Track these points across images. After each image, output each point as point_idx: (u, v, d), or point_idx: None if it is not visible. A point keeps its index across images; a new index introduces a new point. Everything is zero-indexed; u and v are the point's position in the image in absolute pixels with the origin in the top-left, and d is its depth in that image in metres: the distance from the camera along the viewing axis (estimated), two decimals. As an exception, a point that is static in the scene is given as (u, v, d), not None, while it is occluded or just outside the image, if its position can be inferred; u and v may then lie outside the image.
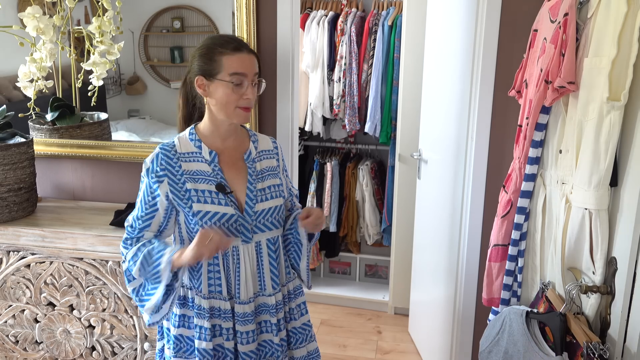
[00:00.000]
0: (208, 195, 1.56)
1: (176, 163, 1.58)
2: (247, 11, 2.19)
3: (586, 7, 1.52)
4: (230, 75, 1.52)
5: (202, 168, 1.58)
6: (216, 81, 1.53)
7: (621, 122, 1.36)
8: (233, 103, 1.54)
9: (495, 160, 2.23)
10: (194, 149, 1.60)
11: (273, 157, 1.71)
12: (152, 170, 1.58)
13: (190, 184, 1.56)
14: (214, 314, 1.62)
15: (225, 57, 1.52)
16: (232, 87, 1.52)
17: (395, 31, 3.26)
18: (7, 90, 2.54)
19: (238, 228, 1.58)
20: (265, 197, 1.62)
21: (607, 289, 1.42)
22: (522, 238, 1.84)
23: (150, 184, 1.59)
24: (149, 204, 1.60)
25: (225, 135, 1.62)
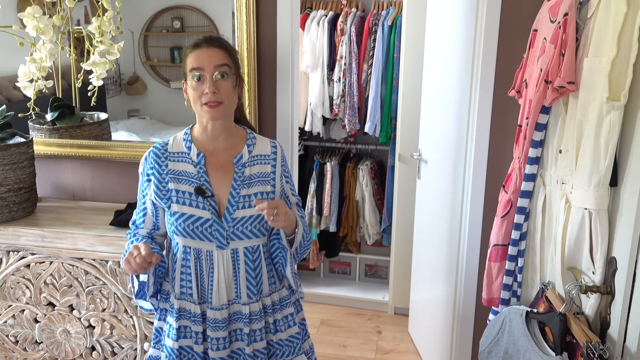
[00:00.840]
0: (187, 197, 1.56)
1: (163, 162, 1.60)
2: (247, 11, 2.19)
3: (586, 7, 1.52)
4: (190, 72, 1.52)
5: (187, 169, 1.58)
6: (186, 82, 1.56)
7: (621, 122, 1.36)
8: (197, 100, 1.53)
9: (495, 160, 2.23)
10: (184, 149, 1.61)
11: (268, 162, 1.64)
12: (144, 169, 1.63)
13: (173, 184, 1.57)
14: (182, 315, 1.61)
15: (188, 56, 1.53)
16: (193, 85, 1.51)
17: (395, 31, 3.26)
18: (7, 90, 2.54)
19: (213, 233, 1.55)
20: (248, 204, 1.57)
21: (607, 289, 1.42)
22: (522, 238, 1.84)
23: (142, 182, 1.64)
24: (141, 202, 1.65)
25: (213, 135, 1.60)
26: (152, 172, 1.60)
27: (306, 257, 3.79)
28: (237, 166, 1.60)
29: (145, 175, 1.62)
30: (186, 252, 1.58)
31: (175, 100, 2.70)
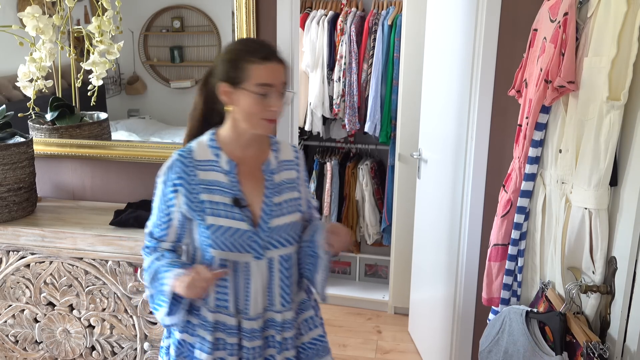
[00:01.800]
0: (222, 209, 1.48)
1: (192, 172, 1.49)
2: (246, 11, 2.19)
3: (586, 7, 1.51)
4: (257, 85, 1.42)
5: (218, 178, 1.50)
6: (241, 90, 1.44)
7: (621, 121, 1.36)
8: (258, 114, 1.45)
9: (495, 159, 2.23)
10: (212, 157, 1.51)
11: (293, 168, 1.60)
12: (169, 178, 1.51)
13: (205, 195, 1.48)
14: (218, 327, 1.54)
15: (252, 66, 1.43)
16: (257, 98, 1.43)
17: (395, 31, 3.26)
18: (6, 90, 2.54)
19: (250, 244, 1.49)
20: (281, 211, 1.53)
21: (607, 289, 1.42)
22: (521, 238, 1.84)
23: (166, 192, 1.51)
24: (164, 212, 1.53)
25: (246, 144, 1.53)
26: (181, 182, 1.49)
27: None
28: (266, 174, 1.54)
29: (170, 186, 1.50)
30: (223, 265, 1.50)
31: (175, 100, 2.70)
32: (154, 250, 1.55)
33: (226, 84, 1.46)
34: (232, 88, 1.45)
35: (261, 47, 1.47)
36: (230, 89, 1.46)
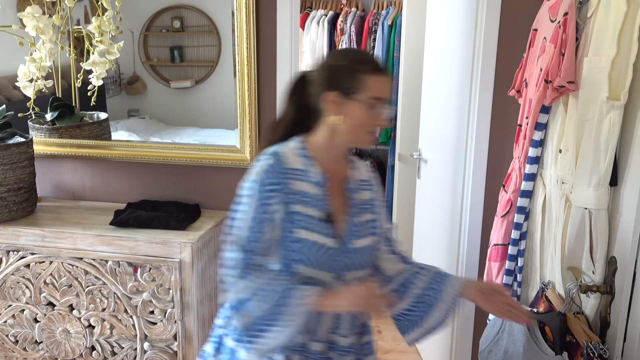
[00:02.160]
0: (314, 222, 1.38)
1: (286, 179, 1.39)
2: (246, 11, 2.19)
3: (586, 7, 1.51)
4: (370, 97, 1.37)
5: (308, 190, 1.40)
6: (352, 101, 1.38)
7: (621, 121, 1.36)
8: (365, 126, 1.40)
9: (495, 159, 2.23)
10: (302, 166, 1.42)
11: (369, 188, 1.53)
12: (265, 182, 1.38)
13: (297, 206, 1.39)
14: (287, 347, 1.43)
15: (368, 78, 1.37)
16: (368, 110, 1.38)
17: (395, 31, 3.26)
18: (6, 90, 2.54)
19: (333, 264, 1.40)
20: (363, 233, 1.46)
21: (607, 289, 1.42)
22: (521, 238, 1.84)
23: (263, 196, 1.37)
24: (262, 220, 1.38)
25: (337, 158, 1.47)
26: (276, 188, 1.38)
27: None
28: (349, 192, 1.48)
29: (268, 190, 1.38)
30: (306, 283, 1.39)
31: (175, 100, 2.71)
32: (249, 268, 1.38)
33: (336, 93, 1.38)
34: (342, 98, 1.38)
35: (371, 58, 1.43)
36: (340, 99, 1.39)
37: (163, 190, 2.47)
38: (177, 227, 2.17)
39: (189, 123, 2.68)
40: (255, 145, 2.31)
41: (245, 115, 2.28)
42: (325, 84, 1.41)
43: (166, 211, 2.30)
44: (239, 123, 2.29)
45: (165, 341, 2.18)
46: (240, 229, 1.40)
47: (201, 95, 2.70)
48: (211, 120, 2.65)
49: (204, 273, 2.20)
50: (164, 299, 2.13)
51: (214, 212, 2.40)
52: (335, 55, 1.46)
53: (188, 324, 2.14)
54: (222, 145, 2.36)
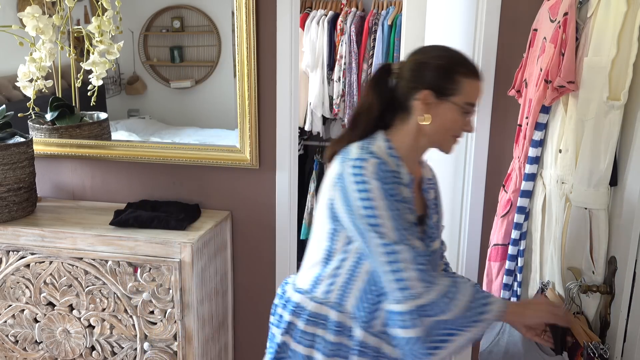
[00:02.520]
0: (412, 225, 1.31)
1: (394, 181, 1.30)
2: (246, 11, 2.18)
3: (586, 7, 1.51)
4: (465, 102, 1.33)
5: (405, 193, 1.32)
6: (447, 103, 1.33)
7: (621, 121, 1.36)
8: (453, 131, 1.36)
9: (495, 159, 2.23)
10: (395, 167, 1.34)
11: (434, 187, 1.50)
12: (382, 176, 1.28)
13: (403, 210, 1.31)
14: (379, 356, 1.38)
15: (467, 82, 1.33)
16: (461, 114, 1.34)
17: (395, 30, 3.26)
18: (6, 90, 2.54)
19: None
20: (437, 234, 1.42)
21: (607, 289, 1.42)
22: (521, 237, 1.84)
23: (388, 188, 1.28)
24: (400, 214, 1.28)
25: (419, 159, 1.43)
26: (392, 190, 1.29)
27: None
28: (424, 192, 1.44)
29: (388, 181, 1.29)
30: None
31: (175, 100, 2.71)
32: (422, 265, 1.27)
33: (431, 92, 1.33)
34: (436, 99, 1.33)
35: (471, 61, 1.37)
36: (433, 99, 1.33)
37: (163, 190, 2.47)
38: (177, 227, 2.17)
39: (189, 123, 2.68)
40: (256, 145, 2.31)
41: (245, 115, 2.28)
42: (418, 81, 1.34)
43: (166, 211, 2.30)
44: (239, 123, 2.29)
45: (165, 341, 2.18)
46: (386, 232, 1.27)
47: (201, 95, 2.70)
48: (211, 120, 2.65)
49: (204, 273, 2.20)
50: (164, 299, 2.13)
51: (214, 212, 2.40)
52: (432, 52, 1.39)
53: (188, 324, 2.14)
54: (222, 145, 2.36)
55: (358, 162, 1.31)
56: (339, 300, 1.40)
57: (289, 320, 1.46)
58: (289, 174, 2.34)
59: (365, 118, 1.43)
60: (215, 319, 2.35)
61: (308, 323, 1.43)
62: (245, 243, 2.46)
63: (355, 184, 1.29)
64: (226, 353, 2.52)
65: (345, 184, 1.31)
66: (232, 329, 2.55)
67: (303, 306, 1.45)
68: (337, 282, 1.40)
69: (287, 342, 1.46)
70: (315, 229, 1.48)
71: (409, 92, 1.36)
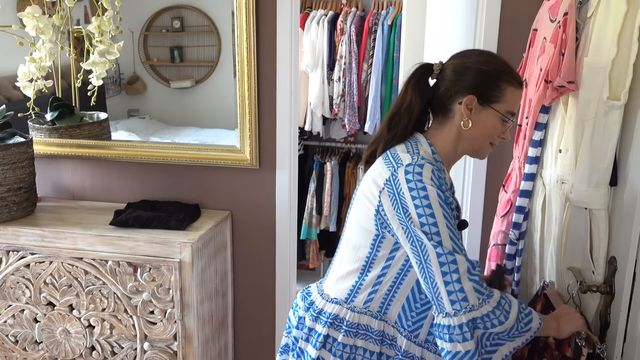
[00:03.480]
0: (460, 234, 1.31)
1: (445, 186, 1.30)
2: (246, 11, 2.18)
3: (586, 7, 1.51)
4: (507, 112, 1.34)
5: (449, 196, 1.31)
6: (490, 110, 1.33)
7: (621, 121, 1.36)
8: (491, 138, 1.36)
9: (495, 159, 2.23)
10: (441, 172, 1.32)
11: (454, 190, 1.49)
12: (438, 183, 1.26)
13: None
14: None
15: (511, 90, 1.34)
16: (501, 122, 1.34)
17: (395, 30, 3.26)
18: (6, 90, 2.54)
19: None
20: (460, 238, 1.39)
21: (607, 289, 1.42)
22: (520, 237, 1.84)
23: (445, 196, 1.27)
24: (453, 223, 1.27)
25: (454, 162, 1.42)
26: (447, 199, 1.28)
27: (306, 257, 3.79)
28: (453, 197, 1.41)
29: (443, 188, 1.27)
30: None
31: (175, 100, 2.71)
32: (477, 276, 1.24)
33: (475, 97, 1.33)
34: (479, 104, 1.33)
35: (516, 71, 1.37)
36: (477, 104, 1.33)
37: (163, 190, 2.47)
38: (177, 227, 2.17)
39: (189, 123, 2.68)
40: (256, 145, 2.31)
41: (245, 115, 2.28)
42: (462, 85, 1.34)
43: (166, 211, 2.30)
44: (239, 123, 2.29)
45: (165, 341, 2.18)
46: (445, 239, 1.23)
47: (201, 95, 2.70)
48: (211, 120, 2.65)
49: (204, 273, 2.20)
50: (164, 299, 2.13)
51: (214, 212, 2.40)
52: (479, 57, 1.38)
53: (188, 324, 2.14)
54: (222, 145, 2.36)
55: (414, 167, 1.27)
56: (381, 309, 1.37)
57: (325, 334, 1.39)
58: (289, 174, 2.34)
59: (406, 118, 1.39)
60: (215, 319, 2.35)
61: (347, 334, 1.38)
62: (245, 243, 2.46)
63: (411, 190, 1.26)
64: (226, 353, 2.52)
65: (399, 190, 1.27)
66: (232, 329, 2.55)
67: (342, 317, 1.39)
68: (381, 291, 1.37)
69: (324, 358, 1.40)
70: (350, 236, 1.43)
71: (451, 95, 1.34)
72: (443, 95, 1.36)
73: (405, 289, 1.35)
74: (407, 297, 1.36)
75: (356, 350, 1.37)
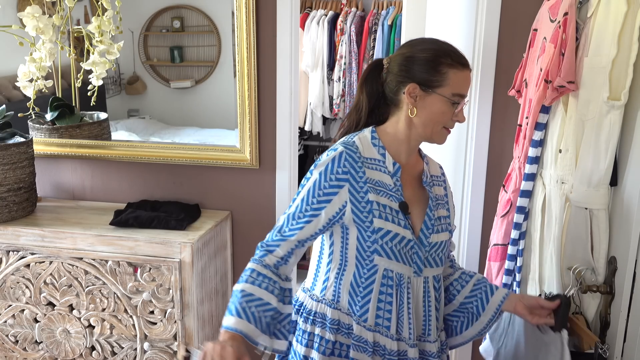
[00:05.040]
0: (389, 212, 1.34)
1: (360, 168, 1.35)
2: (246, 11, 2.18)
3: (586, 7, 1.51)
4: (453, 94, 1.34)
5: (383, 179, 1.37)
6: (434, 95, 1.34)
7: (621, 121, 1.36)
8: (443, 122, 1.37)
9: (495, 159, 2.23)
10: (378, 156, 1.39)
11: (441, 184, 1.51)
12: (332, 170, 1.33)
13: (372, 195, 1.34)
14: (377, 351, 1.38)
15: (452, 72, 1.33)
16: (448, 106, 1.34)
17: (395, 30, 3.26)
18: (6, 90, 2.54)
19: (412, 256, 1.37)
20: (439, 228, 1.43)
21: (607, 289, 1.42)
22: (521, 237, 1.84)
23: (324, 185, 1.33)
24: (310, 206, 1.34)
25: (410, 151, 1.43)
26: (347, 177, 1.33)
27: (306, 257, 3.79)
28: (426, 185, 1.44)
29: (333, 180, 1.33)
30: (388, 277, 1.36)
31: (175, 100, 2.71)
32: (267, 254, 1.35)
33: (417, 85, 1.35)
34: (422, 91, 1.35)
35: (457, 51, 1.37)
36: (420, 92, 1.35)
37: (163, 190, 2.47)
38: (177, 227, 2.17)
39: (189, 123, 2.68)
40: (256, 145, 2.31)
41: (245, 115, 2.28)
42: (405, 75, 1.36)
43: (166, 211, 2.30)
44: (239, 123, 2.29)
45: (165, 341, 2.18)
46: (289, 208, 1.38)
47: (201, 95, 2.70)
48: (211, 120, 2.65)
49: (203, 273, 2.20)
50: (164, 299, 2.13)
51: (214, 212, 2.40)
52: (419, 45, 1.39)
53: (188, 324, 2.14)
54: (222, 145, 2.36)
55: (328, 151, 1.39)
56: (334, 298, 1.41)
57: (295, 320, 1.47)
58: (289, 174, 2.35)
59: (355, 116, 1.46)
60: (215, 319, 2.35)
61: (306, 321, 1.44)
62: (245, 243, 2.46)
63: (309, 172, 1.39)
64: (226, 353, 2.52)
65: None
66: (232, 329, 2.54)
67: (304, 304, 1.46)
68: (331, 278, 1.42)
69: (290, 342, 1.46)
70: None
71: (397, 86, 1.38)
72: (390, 87, 1.40)
73: (349, 274, 1.39)
74: (351, 282, 1.39)
75: (314, 338, 1.42)
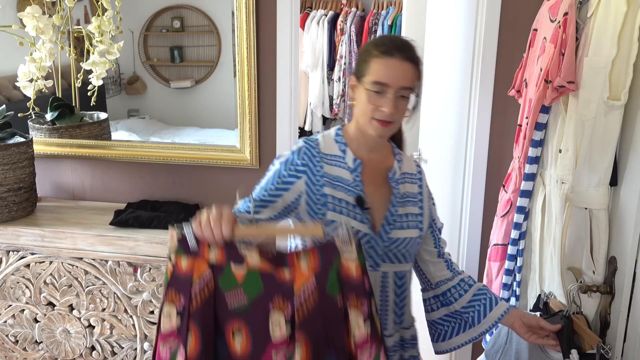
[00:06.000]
0: (344, 206, 1.37)
1: (318, 162, 1.39)
2: (246, 11, 2.18)
3: (586, 7, 1.51)
4: (371, 82, 1.33)
5: (342, 175, 1.40)
6: (360, 85, 1.37)
7: (621, 121, 1.36)
8: (369, 113, 1.35)
9: (495, 159, 2.23)
10: (338, 152, 1.42)
11: (414, 182, 1.50)
12: (291, 161, 1.39)
13: (328, 189, 1.37)
14: None
15: (375, 60, 1.33)
16: (370, 96, 1.33)
17: (395, 30, 3.27)
18: (6, 90, 2.54)
19: (368, 251, 1.39)
20: (403, 224, 1.42)
21: (607, 289, 1.42)
22: (521, 237, 1.84)
23: (283, 174, 1.39)
24: (269, 193, 1.39)
25: (371, 146, 1.44)
26: (305, 170, 1.38)
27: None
28: (392, 182, 1.44)
29: (292, 170, 1.39)
30: None
31: (175, 100, 2.71)
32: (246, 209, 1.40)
33: (354, 77, 1.39)
34: (356, 82, 1.39)
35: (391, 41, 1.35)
36: (355, 82, 1.39)
37: (163, 190, 2.47)
38: (177, 227, 2.17)
39: (189, 123, 2.68)
40: (256, 145, 2.31)
41: (245, 115, 2.28)
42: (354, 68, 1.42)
43: (166, 211, 2.30)
44: (239, 123, 2.29)
45: (165, 341, 2.18)
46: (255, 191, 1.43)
47: (201, 95, 2.70)
48: (211, 120, 2.65)
49: (204, 273, 2.19)
50: (164, 299, 2.13)
51: (214, 212, 2.40)
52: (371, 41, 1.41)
53: (188, 324, 2.14)
54: (222, 145, 2.37)
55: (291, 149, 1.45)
56: None
57: None
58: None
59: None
60: (215, 319, 2.35)
61: None
62: (245, 243, 2.46)
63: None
64: (226, 353, 2.52)
65: None
66: (232, 329, 2.55)
67: None
68: None
69: None
70: None
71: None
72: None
73: None
74: None
75: None
